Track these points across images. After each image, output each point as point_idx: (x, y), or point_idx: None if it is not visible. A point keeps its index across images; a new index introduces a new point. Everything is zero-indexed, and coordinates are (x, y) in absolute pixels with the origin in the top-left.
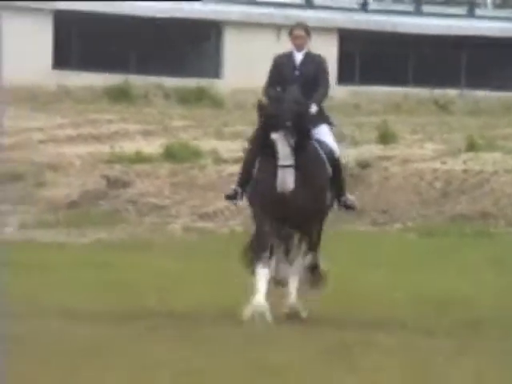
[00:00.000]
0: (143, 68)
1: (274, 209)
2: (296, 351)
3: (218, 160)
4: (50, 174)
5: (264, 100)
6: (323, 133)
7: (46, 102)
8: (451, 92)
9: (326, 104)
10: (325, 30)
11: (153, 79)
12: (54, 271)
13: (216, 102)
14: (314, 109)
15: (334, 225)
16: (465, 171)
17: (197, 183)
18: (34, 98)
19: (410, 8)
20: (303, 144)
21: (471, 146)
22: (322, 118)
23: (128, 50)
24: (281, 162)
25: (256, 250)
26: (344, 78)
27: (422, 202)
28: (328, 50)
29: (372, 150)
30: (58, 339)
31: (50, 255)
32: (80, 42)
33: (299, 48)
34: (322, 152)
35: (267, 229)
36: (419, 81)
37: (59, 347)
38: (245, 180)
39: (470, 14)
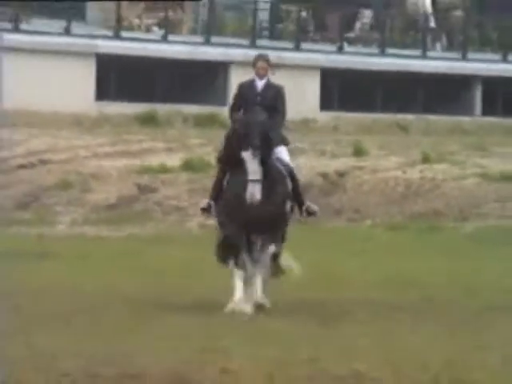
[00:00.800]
0: (167, 98)
1: (241, 218)
2: (289, 321)
3: None
4: (93, 182)
5: (235, 125)
6: (281, 152)
7: (89, 126)
8: (410, 117)
9: (310, 126)
10: (310, 68)
11: (175, 107)
12: (97, 259)
13: (224, 125)
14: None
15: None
16: (421, 178)
17: (209, 189)
18: (80, 123)
19: (376, 50)
20: (267, 160)
21: (426, 159)
22: (281, 140)
23: (155, 84)
24: (250, 177)
25: (231, 254)
26: (325, 105)
27: (387, 203)
28: (312, 83)
29: (348, 162)
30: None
31: (94, 247)
32: (117, 78)
33: (261, 77)
34: (282, 168)
35: (237, 235)
36: (385, 108)
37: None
38: (217, 194)
39: (424, 55)
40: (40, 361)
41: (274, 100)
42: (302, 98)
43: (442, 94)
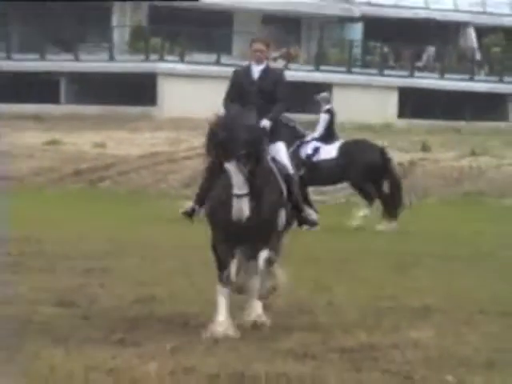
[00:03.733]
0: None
1: (228, 232)
2: (374, 267)
3: None
4: None
5: (216, 126)
6: (278, 150)
7: None
8: (462, 123)
9: (391, 129)
10: (390, 88)
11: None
12: None
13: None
14: (266, 124)
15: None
16: (470, 167)
17: None
18: None
19: (437, 75)
20: (256, 170)
21: (473, 153)
22: (278, 134)
23: None
24: (235, 191)
25: (218, 268)
26: (401, 114)
27: (444, 185)
28: (392, 98)
29: (417, 155)
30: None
31: None
32: None
33: (258, 61)
34: (275, 171)
35: (224, 248)
36: (444, 116)
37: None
38: (201, 199)
39: (471, 79)
40: None
41: (272, 87)
42: (385, 109)
43: (485, 106)
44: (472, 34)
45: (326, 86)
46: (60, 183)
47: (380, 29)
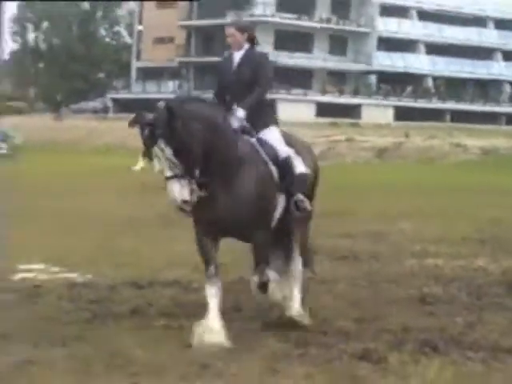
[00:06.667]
0: None
1: (206, 225)
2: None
3: None
4: None
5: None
6: (269, 134)
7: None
8: None
9: None
10: None
11: None
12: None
13: None
14: (240, 113)
15: None
16: None
17: None
18: None
19: None
20: (222, 157)
21: None
22: (269, 119)
23: None
24: (165, 174)
25: (204, 263)
26: None
27: None
28: None
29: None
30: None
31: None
32: None
33: (234, 47)
34: (259, 156)
35: (205, 242)
36: None
37: None
38: None
39: None
40: None
41: (252, 73)
42: None
43: None
44: None
45: None
46: None
47: None
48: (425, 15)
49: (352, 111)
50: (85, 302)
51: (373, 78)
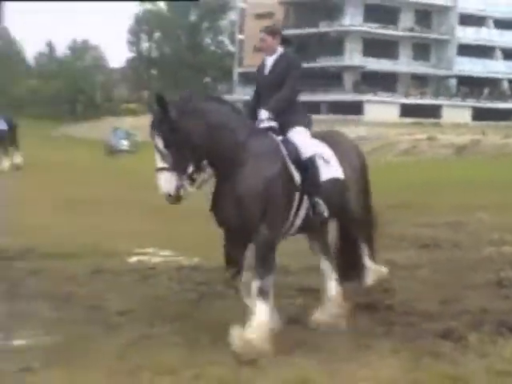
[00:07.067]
0: None
1: (223, 228)
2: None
3: None
4: None
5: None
6: (295, 134)
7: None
8: None
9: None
10: None
11: None
12: None
13: None
14: (263, 114)
15: None
16: None
17: None
18: None
19: None
20: (233, 156)
21: None
22: (298, 120)
23: None
24: (155, 165)
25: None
26: None
27: None
28: None
29: None
30: None
31: None
32: None
33: (266, 52)
34: (281, 153)
35: (226, 244)
36: None
37: None
38: None
39: None
40: None
41: (283, 77)
42: None
43: None
44: None
45: None
46: None
47: None
48: (501, 23)
49: (433, 112)
50: (193, 284)
51: (453, 82)
